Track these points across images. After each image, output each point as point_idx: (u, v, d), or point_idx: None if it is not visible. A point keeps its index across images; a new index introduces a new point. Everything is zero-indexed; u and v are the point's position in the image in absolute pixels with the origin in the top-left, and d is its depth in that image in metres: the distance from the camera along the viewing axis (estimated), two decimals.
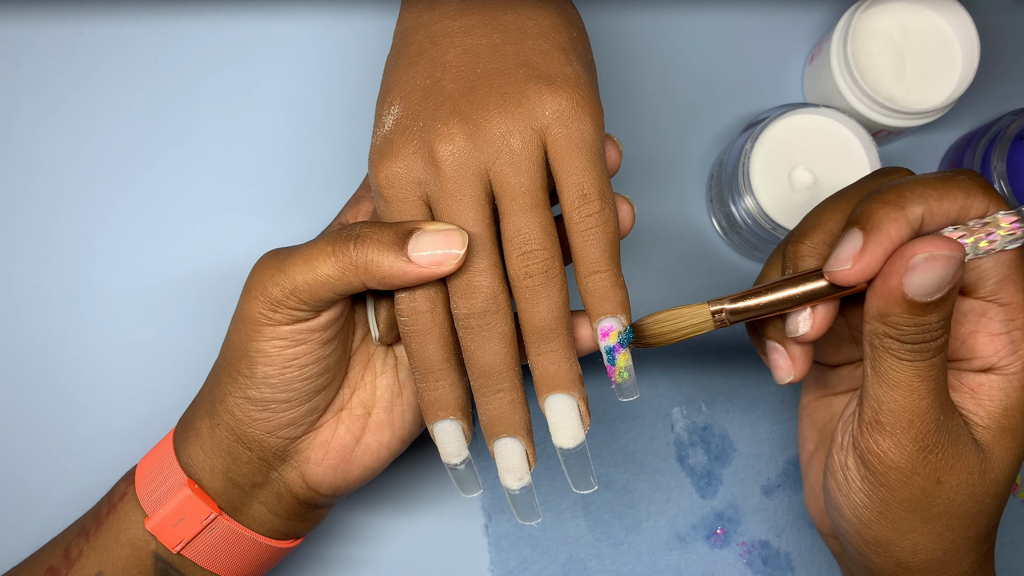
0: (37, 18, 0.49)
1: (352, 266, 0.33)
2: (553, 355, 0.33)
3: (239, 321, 0.35)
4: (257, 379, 0.35)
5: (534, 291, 0.33)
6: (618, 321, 0.34)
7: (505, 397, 0.34)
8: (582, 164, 0.33)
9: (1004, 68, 0.51)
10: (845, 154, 0.45)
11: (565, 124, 0.33)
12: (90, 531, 0.38)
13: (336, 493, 0.38)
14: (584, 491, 0.35)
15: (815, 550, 0.47)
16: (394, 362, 0.39)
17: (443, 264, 0.32)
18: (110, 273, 0.48)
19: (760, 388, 0.48)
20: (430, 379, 0.34)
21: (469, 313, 0.33)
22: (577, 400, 0.34)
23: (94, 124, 0.49)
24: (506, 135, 0.33)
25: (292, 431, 0.37)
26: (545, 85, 0.33)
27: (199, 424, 0.37)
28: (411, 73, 0.35)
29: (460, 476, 0.35)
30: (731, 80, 0.50)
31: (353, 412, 0.38)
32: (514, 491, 0.34)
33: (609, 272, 0.33)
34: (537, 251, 0.33)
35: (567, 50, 0.35)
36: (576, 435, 0.34)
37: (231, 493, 0.37)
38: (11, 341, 0.47)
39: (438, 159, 0.33)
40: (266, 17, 0.50)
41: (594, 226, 0.33)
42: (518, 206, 0.33)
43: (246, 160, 0.49)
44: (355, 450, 0.38)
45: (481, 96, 0.34)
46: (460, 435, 0.35)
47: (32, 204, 0.48)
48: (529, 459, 0.34)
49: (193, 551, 0.37)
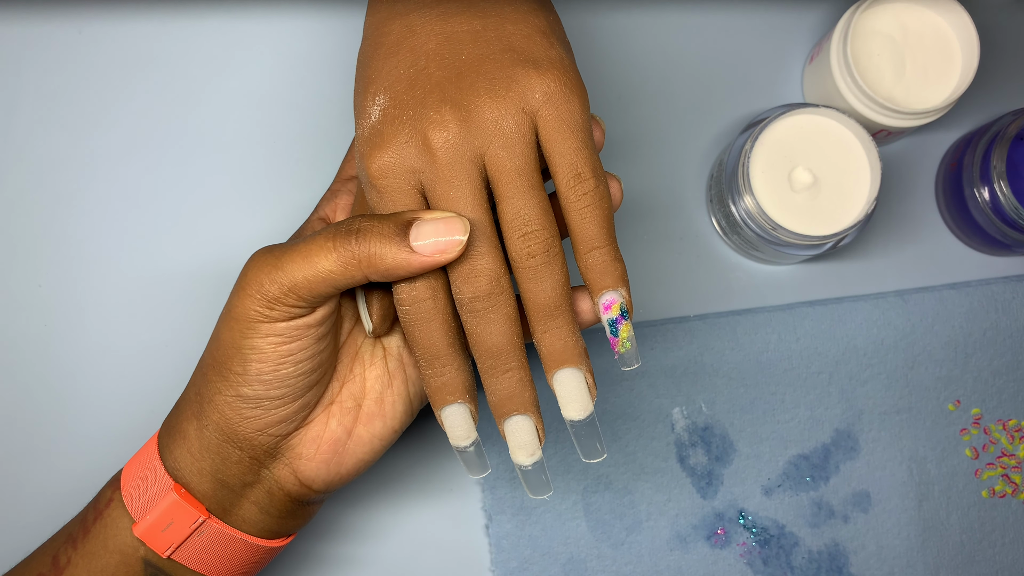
0: (37, 18, 0.49)
1: (355, 260, 0.33)
2: (559, 331, 0.34)
3: (231, 319, 0.35)
4: (251, 376, 0.35)
5: (537, 271, 0.34)
6: (619, 294, 0.35)
7: (514, 376, 0.34)
8: (574, 144, 0.34)
9: (1004, 68, 0.51)
10: (845, 154, 0.45)
11: (555, 106, 0.34)
12: (77, 538, 0.38)
13: (329, 488, 0.38)
14: (594, 460, 0.36)
15: (816, 550, 0.47)
16: (382, 353, 0.39)
17: (447, 252, 0.33)
18: (110, 273, 0.48)
19: (760, 388, 0.48)
20: (436, 365, 0.35)
21: (474, 296, 0.34)
22: (584, 373, 0.35)
23: (94, 124, 0.49)
24: (498, 119, 0.33)
25: (284, 428, 0.36)
26: (533, 68, 0.34)
27: (185, 426, 0.37)
28: (393, 63, 0.35)
29: (469, 459, 0.36)
30: (731, 80, 0.50)
31: (344, 405, 0.38)
32: (526, 467, 0.35)
33: (608, 247, 0.34)
34: (537, 231, 0.34)
35: (548, 33, 0.35)
36: (586, 407, 0.35)
37: (220, 495, 0.37)
38: (11, 341, 0.47)
39: (432, 146, 0.33)
40: (266, 17, 0.50)
41: (590, 203, 0.34)
42: (515, 188, 0.34)
43: (246, 160, 0.49)
44: (347, 443, 0.38)
45: (470, 82, 0.34)
46: (469, 418, 0.35)
47: (32, 204, 0.48)
48: (540, 435, 0.35)
49: (183, 555, 0.37)
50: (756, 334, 0.48)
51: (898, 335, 0.49)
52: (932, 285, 0.49)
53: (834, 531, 0.47)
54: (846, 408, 0.48)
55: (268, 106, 0.49)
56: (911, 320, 0.49)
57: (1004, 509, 0.48)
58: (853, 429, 0.48)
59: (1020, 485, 0.48)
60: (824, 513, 0.47)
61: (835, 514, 0.48)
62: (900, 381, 0.48)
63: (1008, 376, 0.49)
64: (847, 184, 0.44)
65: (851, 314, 0.49)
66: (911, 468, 0.48)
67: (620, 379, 0.48)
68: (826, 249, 0.45)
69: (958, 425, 0.48)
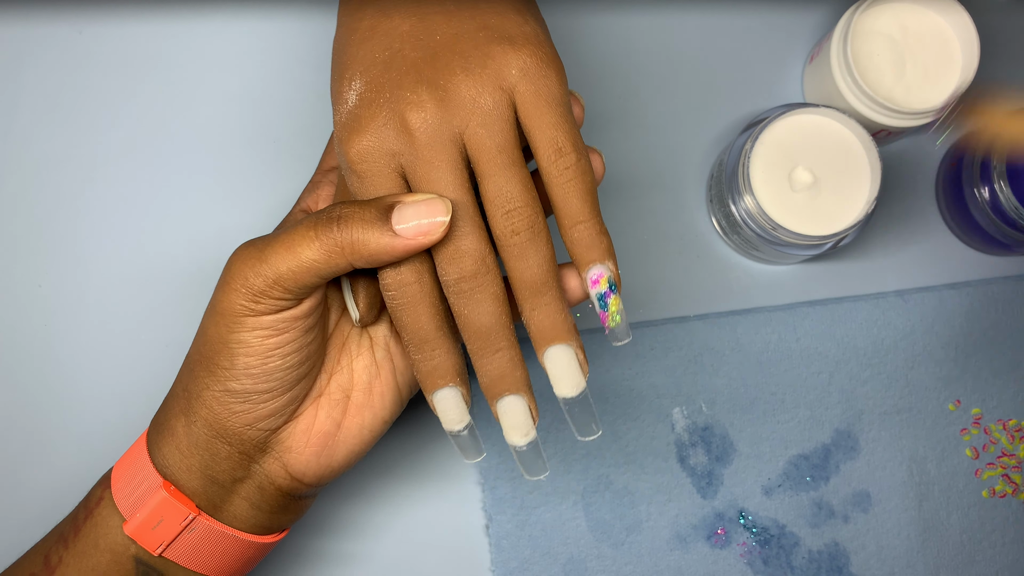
0: (37, 18, 0.49)
1: (338, 248, 0.33)
2: (547, 308, 0.34)
3: (217, 314, 0.35)
4: (238, 370, 0.35)
5: (522, 248, 0.34)
6: (606, 268, 0.34)
7: (504, 355, 0.34)
8: (553, 119, 0.34)
9: (1004, 68, 0.51)
10: (845, 154, 0.45)
11: (532, 81, 0.34)
12: (68, 537, 0.38)
13: (321, 481, 0.38)
14: (588, 438, 0.35)
15: (816, 550, 0.47)
16: (369, 343, 0.39)
17: (430, 234, 0.33)
18: (110, 273, 0.48)
19: (760, 388, 0.48)
20: (425, 349, 0.35)
21: (460, 277, 0.34)
22: (575, 349, 0.34)
23: (94, 124, 0.49)
24: (476, 97, 0.33)
25: (272, 422, 0.36)
26: (508, 44, 0.34)
27: (173, 423, 0.37)
28: (368, 47, 0.35)
29: (463, 443, 0.36)
30: (731, 80, 0.50)
31: (332, 397, 0.38)
32: (521, 447, 0.35)
33: (592, 221, 0.34)
34: (521, 208, 0.33)
35: (521, 10, 0.35)
36: (578, 383, 0.34)
37: (210, 491, 0.37)
38: (11, 341, 0.47)
39: (411, 128, 0.33)
40: (265, 17, 0.50)
41: (573, 178, 0.34)
42: (496, 166, 0.33)
43: (246, 160, 0.49)
44: (337, 435, 0.37)
45: (445, 62, 0.34)
46: (461, 401, 0.35)
47: (32, 204, 0.48)
48: (533, 414, 0.35)
49: (175, 552, 0.36)
50: (756, 334, 0.48)
51: (898, 335, 0.49)
52: (932, 285, 0.49)
53: (834, 531, 0.47)
54: (846, 408, 0.48)
55: (268, 106, 0.49)
56: (911, 320, 0.49)
57: (1004, 509, 0.48)
58: (853, 429, 0.48)
59: (1020, 485, 0.48)
60: (824, 513, 0.47)
61: (835, 514, 0.48)
62: (900, 381, 0.48)
63: (1008, 376, 0.49)
64: (847, 184, 0.44)
65: (851, 314, 0.49)
66: (911, 468, 0.48)
67: (620, 380, 0.48)
68: (826, 249, 0.45)
69: (958, 425, 0.48)
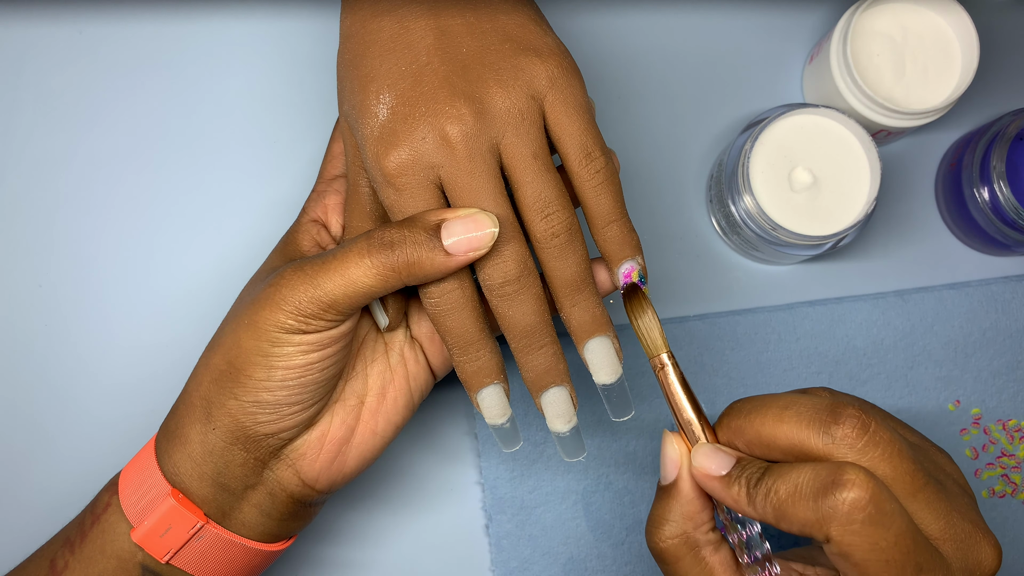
0: (37, 18, 0.49)
1: (394, 272, 0.34)
2: (586, 303, 0.36)
3: (256, 328, 0.35)
4: (274, 382, 0.35)
5: (561, 249, 0.35)
6: (636, 262, 0.37)
7: (548, 351, 0.36)
8: (581, 125, 0.36)
9: (1004, 68, 0.51)
10: (845, 154, 0.45)
11: (560, 90, 0.35)
12: (75, 543, 0.37)
13: (332, 487, 0.38)
14: (624, 417, 0.38)
15: None
16: (384, 348, 0.39)
17: (480, 248, 0.34)
18: (110, 273, 0.48)
19: (760, 389, 0.48)
20: (471, 351, 0.36)
21: (505, 281, 0.35)
22: (611, 339, 0.37)
23: (94, 124, 0.49)
24: (510, 107, 0.35)
25: (295, 432, 0.37)
26: (535, 56, 0.35)
27: (187, 431, 0.37)
28: (392, 60, 0.36)
29: (505, 434, 0.38)
30: (731, 80, 0.50)
31: (347, 403, 0.38)
32: (564, 433, 0.37)
33: (623, 219, 0.36)
34: (559, 211, 0.35)
35: (539, 21, 0.37)
36: (616, 370, 0.37)
37: (220, 499, 0.37)
38: (11, 341, 0.47)
39: (451, 140, 0.34)
40: (266, 17, 0.50)
41: (603, 180, 0.36)
42: (533, 172, 0.35)
43: (246, 160, 0.49)
44: (350, 441, 0.38)
45: (477, 74, 0.35)
46: (504, 397, 0.37)
47: (32, 204, 0.48)
48: (574, 402, 0.37)
49: (182, 560, 0.36)
50: (756, 334, 0.48)
51: (898, 335, 0.49)
52: (932, 285, 0.49)
53: None
54: None
55: (268, 106, 0.49)
56: (911, 320, 0.49)
57: (1004, 509, 0.48)
58: None
59: (1020, 485, 0.48)
60: None
61: None
62: (900, 381, 0.48)
63: (1008, 376, 0.49)
64: (847, 184, 0.45)
65: (851, 314, 0.49)
66: None
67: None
68: (826, 249, 0.45)
69: (958, 425, 0.48)
